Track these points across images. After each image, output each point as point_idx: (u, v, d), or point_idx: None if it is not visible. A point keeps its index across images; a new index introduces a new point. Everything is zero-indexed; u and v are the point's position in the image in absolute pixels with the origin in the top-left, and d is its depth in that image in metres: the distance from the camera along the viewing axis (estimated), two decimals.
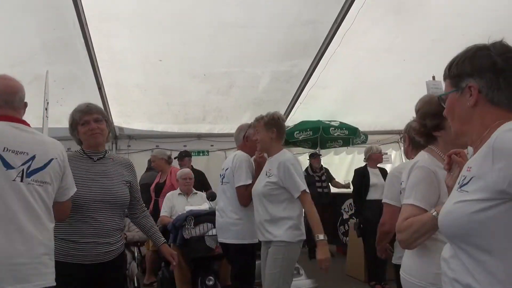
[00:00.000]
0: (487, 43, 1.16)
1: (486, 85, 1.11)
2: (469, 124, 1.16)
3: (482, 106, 1.12)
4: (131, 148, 6.93)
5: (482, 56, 1.13)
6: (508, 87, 1.09)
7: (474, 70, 1.14)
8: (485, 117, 1.12)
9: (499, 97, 1.10)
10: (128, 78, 5.59)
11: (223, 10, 4.49)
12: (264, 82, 5.98)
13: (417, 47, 5.50)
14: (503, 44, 1.15)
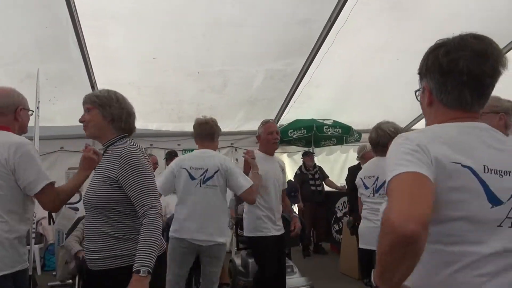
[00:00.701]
0: (451, 38, 1.12)
1: (434, 87, 1.12)
2: (429, 120, 1.17)
3: (436, 106, 1.14)
4: None
5: (433, 57, 1.12)
6: (455, 89, 1.08)
7: (426, 71, 1.14)
8: (438, 117, 1.13)
9: (446, 98, 1.10)
10: (122, 77, 5.55)
11: (217, 9, 4.48)
12: (258, 80, 5.97)
13: (410, 47, 5.51)
14: (459, 40, 1.10)
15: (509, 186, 1.02)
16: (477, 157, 1.02)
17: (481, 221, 0.99)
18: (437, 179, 0.99)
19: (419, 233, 0.87)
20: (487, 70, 1.07)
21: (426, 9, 4.95)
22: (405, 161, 0.98)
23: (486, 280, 0.98)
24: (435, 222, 0.98)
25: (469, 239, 0.99)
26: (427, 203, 0.92)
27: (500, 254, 0.99)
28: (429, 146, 1.01)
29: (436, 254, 1.01)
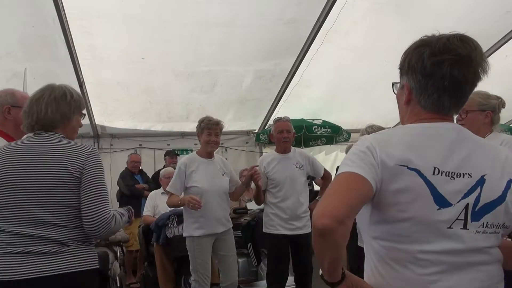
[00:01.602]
0: (436, 36, 1.10)
1: (415, 87, 1.11)
2: (403, 120, 1.19)
3: (413, 106, 1.14)
4: (113, 147, 6.85)
5: (417, 55, 1.10)
6: (435, 92, 1.08)
7: (408, 69, 1.12)
8: (413, 116, 1.13)
9: (426, 101, 1.10)
10: (110, 76, 5.52)
11: (206, 9, 4.47)
12: (247, 80, 5.99)
13: (398, 47, 5.56)
14: (445, 42, 1.07)
15: (460, 188, 1.03)
16: (429, 159, 1.03)
17: (428, 223, 1.01)
18: (383, 181, 1.02)
19: (331, 228, 0.94)
20: (469, 76, 1.07)
21: (413, 10, 5.01)
22: (350, 162, 1.04)
23: (434, 279, 1.01)
24: (386, 222, 1.04)
25: (418, 239, 1.02)
26: (347, 202, 0.97)
27: (449, 254, 1.02)
28: (379, 148, 1.03)
29: (390, 251, 1.05)
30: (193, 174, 3.21)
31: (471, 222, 1.03)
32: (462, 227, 1.02)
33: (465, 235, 1.02)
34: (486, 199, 1.04)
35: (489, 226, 1.04)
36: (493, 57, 6.02)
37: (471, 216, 1.03)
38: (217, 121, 3.29)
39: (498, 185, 1.05)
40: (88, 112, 6.12)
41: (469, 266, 1.03)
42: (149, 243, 4.26)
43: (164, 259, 3.98)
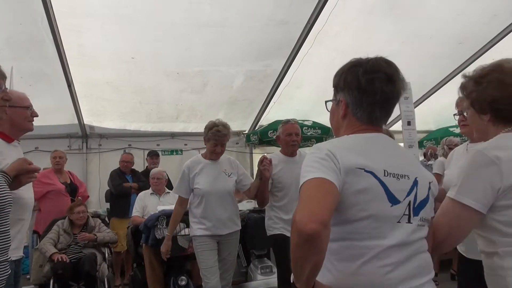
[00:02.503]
0: (365, 58, 1.27)
1: (351, 101, 1.26)
2: (338, 132, 1.33)
3: (349, 119, 1.29)
4: (102, 147, 6.79)
5: (352, 74, 1.25)
6: (369, 106, 1.24)
7: (344, 86, 1.27)
8: (350, 128, 1.28)
9: (361, 114, 1.26)
10: (99, 76, 5.47)
11: (197, 9, 4.46)
12: (238, 81, 5.98)
13: (387, 49, 5.63)
14: (374, 62, 1.25)
15: (404, 188, 1.19)
16: (378, 163, 1.17)
17: (383, 219, 1.15)
18: (345, 183, 1.13)
19: (319, 232, 0.99)
20: (394, 92, 1.24)
21: (402, 13, 5.06)
22: (314, 168, 1.12)
23: (390, 269, 1.13)
24: (347, 222, 1.14)
25: (374, 234, 1.14)
26: (327, 206, 1.05)
27: (400, 246, 1.15)
28: (338, 154, 1.14)
29: (349, 249, 1.15)
30: (196, 176, 3.21)
31: (413, 217, 1.19)
32: (407, 222, 1.18)
33: (410, 228, 1.18)
34: (421, 197, 1.22)
35: (423, 220, 1.23)
36: (481, 60, 6.11)
37: (413, 211, 1.19)
38: (225, 133, 3.23)
39: (425, 185, 1.25)
40: (77, 111, 6.05)
41: (415, 255, 1.18)
42: (138, 244, 4.23)
43: (153, 260, 3.96)
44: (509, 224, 1.29)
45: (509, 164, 1.27)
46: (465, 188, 1.30)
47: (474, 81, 1.46)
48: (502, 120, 1.40)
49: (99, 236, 4.31)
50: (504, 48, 5.83)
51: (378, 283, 1.12)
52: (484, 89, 1.41)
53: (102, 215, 5.21)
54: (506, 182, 1.26)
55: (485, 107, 1.43)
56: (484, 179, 1.28)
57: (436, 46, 5.71)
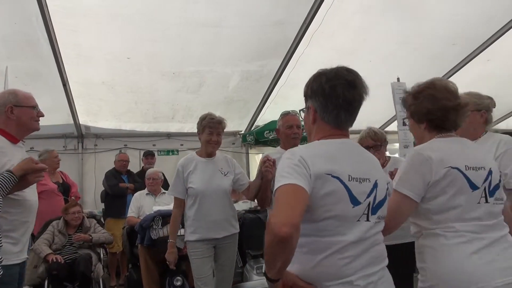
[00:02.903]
0: (328, 68, 1.44)
1: (319, 107, 1.43)
2: (310, 137, 1.49)
3: (318, 123, 1.45)
4: (98, 147, 6.77)
5: (317, 82, 1.43)
6: (334, 110, 1.40)
7: (312, 94, 1.44)
8: (319, 132, 1.45)
9: (328, 117, 1.42)
10: (95, 76, 5.45)
11: (193, 9, 4.44)
12: (234, 81, 5.98)
13: (381, 49, 5.66)
14: (336, 71, 1.42)
15: (365, 190, 1.36)
16: (344, 168, 1.33)
17: (345, 218, 1.31)
18: (314, 187, 1.28)
19: (291, 234, 1.15)
20: (356, 96, 1.41)
21: (398, 13, 5.07)
22: (288, 174, 1.27)
23: (348, 261, 1.31)
24: (313, 221, 1.30)
25: (337, 232, 1.31)
26: (299, 210, 1.21)
27: (358, 241, 1.32)
28: (309, 161, 1.30)
29: (313, 244, 1.32)
30: (190, 175, 2.99)
31: (371, 215, 1.36)
32: (366, 220, 1.35)
33: (368, 226, 1.35)
34: (379, 197, 1.39)
35: (380, 218, 1.40)
36: (476, 61, 6.14)
37: (371, 211, 1.36)
38: (220, 120, 3.06)
39: (383, 187, 1.42)
40: (72, 111, 6.03)
41: (370, 248, 1.35)
42: (134, 244, 4.22)
43: (148, 261, 3.95)
44: (433, 211, 1.59)
45: (437, 162, 1.57)
46: (404, 180, 1.60)
47: (413, 96, 1.75)
48: (435, 128, 1.70)
49: (94, 236, 4.29)
50: (498, 50, 5.88)
51: (336, 273, 1.30)
52: (420, 103, 1.71)
53: (98, 216, 5.19)
54: (434, 177, 1.56)
55: (421, 117, 1.72)
56: (419, 174, 1.58)
57: (431, 47, 5.73)
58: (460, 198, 1.56)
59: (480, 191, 1.58)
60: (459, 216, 1.55)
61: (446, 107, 1.65)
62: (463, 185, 1.56)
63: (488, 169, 1.63)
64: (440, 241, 1.56)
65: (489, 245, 1.53)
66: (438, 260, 1.54)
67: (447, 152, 1.60)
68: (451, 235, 1.54)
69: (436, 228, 1.58)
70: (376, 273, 1.36)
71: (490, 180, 1.62)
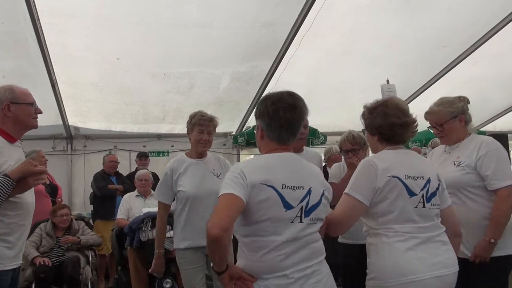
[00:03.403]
0: (273, 92, 1.67)
1: (265, 126, 1.64)
2: (260, 150, 1.71)
3: (265, 140, 1.67)
4: (87, 148, 6.71)
5: (263, 105, 1.65)
6: (277, 129, 1.61)
7: (259, 114, 1.66)
8: (266, 147, 1.67)
9: (272, 135, 1.63)
10: (84, 76, 5.40)
11: (183, 10, 4.43)
12: (224, 82, 5.96)
13: (372, 51, 5.69)
14: (279, 95, 1.63)
15: (298, 197, 1.56)
16: (279, 178, 1.54)
17: (279, 220, 1.53)
18: (251, 195, 1.50)
19: (220, 235, 1.39)
20: (296, 117, 1.62)
21: (387, 15, 5.11)
22: (228, 185, 1.51)
23: (284, 257, 1.52)
24: (253, 223, 1.53)
25: (273, 232, 1.53)
26: (229, 216, 1.44)
27: (292, 240, 1.54)
28: (247, 173, 1.52)
29: (255, 242, 1.54)
30: (180, 177, 2.76)
31: (305, 218, 1.57)
32: (299, 222, 1.56)
33: (301, 227, 1.56)
34: (312, 202, 1.60)
35: (314, 220, 1.61)
36: (464, 63, 6.21)
37: (304, 214, 1.57)
38: (211, 117, 2.88)
39: (318, 193, 1.63)
40: (61, 112, 5.97)
41: (305, 246, 1.57)
42: (123, 247, 4.18)
43: (137, 263, 3.92)
44: (378, 214, 1.84)
45: (382, 171, 1.82)
46: (355, 186, 1.84)
47: (368, 111, 1.99)
48: (385, 140, 1.95)
49: (82, 239, 4.25)
50: (485, 52, 5.96)
51: (273, 268, 1.52)
52: (374, 118, 1.95)
53: (86, 218, 5.15)
54: (379, 183, 1.81)
55: (373, 131, 1.98)
56: (367, 180, 1.82)
57: (420, 49, 5.79)
58: (399, 203, 1.81)
59: (418, 197, 1.83)
60: (398, 219, 1.81)
61: (395, 123, 1.90)
62: (402, 191, 1.81)
63: (427, 179, 1.87)
64: (382, 240, 1.82)
65: (422, 243, 1.79)
66: (379, 255, 1.82)
67: (392, 163, 1.85)
68: (391, 235, 1.80)
69: (379, 228, 1.84)
70: (310, 267, 1.58)
71: (428, 188, 1.86)
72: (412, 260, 1.75)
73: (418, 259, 1.75)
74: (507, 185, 2.17)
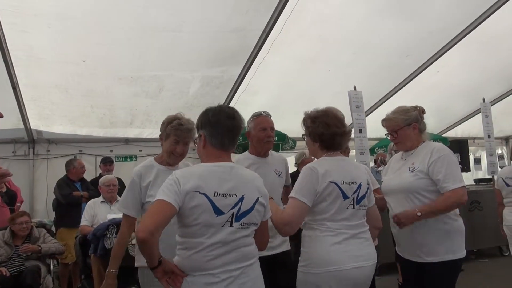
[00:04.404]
0: (213, 106, 1.83)
1: (207, 134, 1.79)
2: (201, 159, 1.84)
3: (207, 148, 1.80)
4: (50, 153, 6.48)
5: (205, 116, 1.81)
6: (219, 135, 1.77)
7: (202, 125, 1.82)
8: (208, 155, 1.80)
9: (215, 141, 1.78)
10: (47, 79, 5.22)
11: (151, 13, 4.37)
12: (194, 87, 5.93)
13: (340, 59, 5.82)
14: (219, 108, 1.82)
15: (230, 203, 1.69)
16: (212, 186, 1.67)
17: (209, 225, 1.66)
18: (185, 201, 1.63)
19: (146, 238, 1.53)
20: (234, 125, 1.80)
21: (353, 24, 5.25)
22: (162, 191, 1.64)
23: (211, 258, 1.66)
24: (186, 226, 1.67)
25: (203, 235, 1.66)
26: (156, 220, 1.56)
27: (221, 243, 1.67)
28: (181, 181, 1.65)
29: (187, 243, 1.69)
30: (150, 186, 2.35)
31: (235, 223, 1.70)
32: (229, 226, 1.69)
33: (231, 230, 1.69)
34: (244, 208, 1.73)
35: (245, 225, 1.74)
36: (426, 72, 6.46)
37: (235, 219, 1.70)
38: (190, 128, 2.46)
39: (251, 200, 1.75)
40: (23, 115, 5.75)
41: (235, 249, 1.70)
42: (87, 254, 4.05)
43: (102, 271, 3.79)
44: (316, 213, 2.07)
45: (322, 176, 2.04)
46: (300, 190, 2.05)
47: (311, 120, 2.18)
48: (325, 147, 2.15)
49: (43, 247, 4.09)
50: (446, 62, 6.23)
51: (201, 266, 1.66)
52: (316, 127, 2.14)
53: (48, 225, 4.95)
54: (319, 187, 2.03)
55: (316, 138, 2.16)
56: (310, 184, 2.04)
57: (386, 57, 5.97)
58: (334, 205, 2.06)
59: (350, 200, 2.08)
60: (332, 217, 2.06)
61: (336, 133, 2.12)
62: (338, 195, 2.05)
63: (359, 183, 2.12)
64: (316, 233, 2.07)
65: (349, 238, 2.05)
66: (311, 246, 2.07)
67: (330, 169, 2.07)
68: (324, 229, 2.06)
69: (314, 224, 2.09)
70: (238, 269, 1.71)
71: (359, 192, 2.11)
72: (339, 252, 2.01)
73: (344, 252, 2.02)
74: (455, 187, 2.28)
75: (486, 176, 8.02)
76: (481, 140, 8.09)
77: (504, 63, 6.68)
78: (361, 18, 5.20)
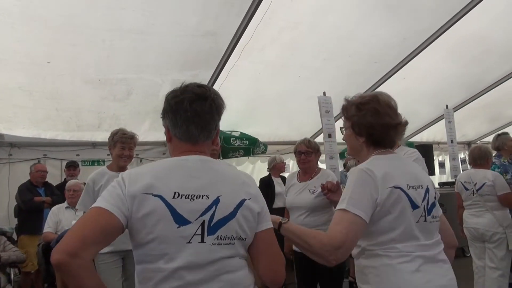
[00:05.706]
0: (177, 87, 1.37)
1: (170, 124, 1.35)
2: (170, 153, 1.41)
3: (173, 141, 1.38)
4: (12, 157, 6.21)
5: (166, 101, 1.37)
6: (184, 124, 1.32)
7: (164, 113, 1.37)
8: (175, 150, 1.37)
9: (179, 132, 1.34)
10: (9, 80, 5.02)
11: (119, 15, 4.29)
12: (164, 90, 5.83)
13: (310, 65, 5.91)
14: (185, 87, 1.35)
15: (199, 208, 1.20)
16: (171, 186, 1.21)
17: (169, 240, 1.16)
18: (133, 208, 1.17)
19: (64, 262, 1.04)
20: (206, 108, 1.33)
21: (323, 31, 5.34)
22: (101, 197, 1.20)
23: None
24: (139, 245, 1.19)
25: (162, 256, 1.16)
26: (82, 236, 1.08)
27: (191, 267, 1.16)
28: (128, 182, 1.20)
29: (143, 272, 1.19)
30: (101, 190, 2.95)
31: (208, 236, 1.19)
32: (200, 241, 1.18)
33: (203, 248, 1.18)
34: (220, 215, 1.22)
35: (223, 239, 1.22)
36: (393, 79, 6.65)
37: (207, 231, 1.20)
38: (132, 135, 3.18)
39: (230, 204, 1.25)
40: None
41: (216, 276, 1.19)
42: (50, 263, 3.91)
43: None
44: (378, 232, 1.52)
45: (381, 181, 1.50)
46: (354, 200, 1.48)
47: (356, 107, 1.65)
48: (372, 143, 1.64)
49: (3, 255, 3.91)
50: (412, 69, 6.43)
51: None
52: (363, 115, 1.62)
53: (9, 232, 4.76)
54: (380, 196, 1.49)
55: (362, 130, 1.64)
56: (366, 193, 1.49)
57: (354, 64, 6.10)
58: (403, 218, 1.52)
59: (420, 210, 1.56)
60: (401, 236, 1.51)
61: (389, 124, 1.61)
62: (406, 204, 1.52)
63: (426, 187, 1.61)
64: (383, 261, 1.51)
65: (427, 263, 1.52)
66: (382, 280, 1.50)
67: (388, 171, 1.54)
68: (394, 255, 1.50)
69: (378, 248, 1.53)
70: None
71: (428, 198, 1.60)
72: (421, 283, 1.48)
73: (427, 282, 1.48)
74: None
75: (449, 180, 8.32)
76: (445, 145, 8.41)
77: (467, 70, 6.97)
78: (331, 26, 5.30)
